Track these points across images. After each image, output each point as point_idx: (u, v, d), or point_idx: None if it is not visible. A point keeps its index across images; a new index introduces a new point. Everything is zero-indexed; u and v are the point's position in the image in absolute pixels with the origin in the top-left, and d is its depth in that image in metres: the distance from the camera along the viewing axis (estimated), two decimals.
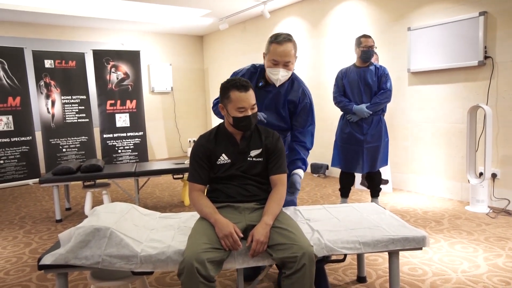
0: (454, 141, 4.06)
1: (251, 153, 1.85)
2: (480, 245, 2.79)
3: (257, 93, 2.11)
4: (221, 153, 1.83)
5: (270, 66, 2.01)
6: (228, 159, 1.83)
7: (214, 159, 1.84)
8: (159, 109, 7.99)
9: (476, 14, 3.68)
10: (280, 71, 1.99)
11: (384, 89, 3.44)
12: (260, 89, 2.13)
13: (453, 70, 3.98)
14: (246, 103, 1.74)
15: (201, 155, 1.83)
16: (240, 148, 1.84)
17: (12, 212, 4.19)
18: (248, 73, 2.18)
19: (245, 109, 1.75)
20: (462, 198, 4.01)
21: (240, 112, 1.75)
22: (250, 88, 1.76)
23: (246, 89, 1.74)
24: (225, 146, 1.84)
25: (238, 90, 1.73)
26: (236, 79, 1.77)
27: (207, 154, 1.83)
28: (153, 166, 4.16)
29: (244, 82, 1.75)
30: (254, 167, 1.84)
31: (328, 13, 5.41)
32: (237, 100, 1.74)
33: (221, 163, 1.83)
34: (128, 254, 1.60)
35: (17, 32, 6.48)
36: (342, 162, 3.60)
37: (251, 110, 1.77)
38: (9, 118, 5.57)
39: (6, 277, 2.53)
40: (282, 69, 1.99)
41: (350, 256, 2.65)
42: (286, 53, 1.96)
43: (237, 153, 1.84)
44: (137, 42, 7.62)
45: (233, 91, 1.74)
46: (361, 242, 1.71)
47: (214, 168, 1.84)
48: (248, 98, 1.75)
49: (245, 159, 1.84)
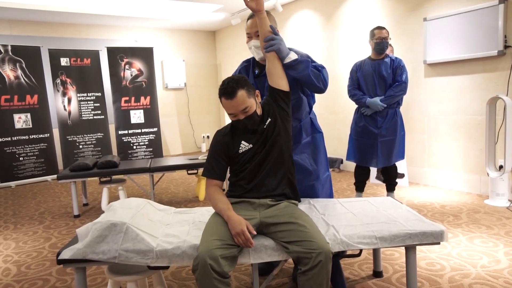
0: (472, 133, 3.96)
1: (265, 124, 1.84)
2: (501, 240, 2.73)
3: (257, 82, 2.11)
4: (241, 141, 1.82)
5: (247, 42, 2.04)
6: (250, 144, 1.82)
7: (234, 150, 1.83)
8: (173, 105, 8.04)
9: (496, 2, 3.56)
10: (252, 42, 2.00)
11: (399, 81, 3.36)
12: (257, 77, 2.11)
13: (472, 61, 3.88)
14: (234, 109, 1.73)
15: (219, 150, 1.83)
16: (259, 131, 1.82)
17: (32, 208, 4.29)
18: (243, 69, 2.18)
19: (234, 114, 1.75)
20: (481, 192, 3.92)
21: (232, 117, 1.77)
22: (237, 93, 1.69)
23: (232, 96, 1.70)
24: (242, 135, 1.84)
25: (225, 97, 1.72)
26: (226, 83, 1.72)
27: (225, 149, 1.83)
28: (167, 161, 4.20)
29: (230, 88, 1.69)
30: (271, 137, 1.81)
31: (342, 5, 5.33)
32: (226, 107, 1.74)
33: (243, 151, 1.82)
34: (144, 249, 1.61)
35: (34, 31, 6.60)
36: (357, 155, 3.56)
37: (243, 114, 1.74)
38: (27, 116, 5.69)
39: (28, 271, 2.60)
40: (254, 40, 2.00)
41: (366, 251, 2.63)
42: (253, 24, 1.99)
43: (257, 137, 1.82)
44: (150, 39, 7.67)
45: (222, 97, 1.73)
46: (378, 237, 1.69)
47: (235, 160, 1.84)
48: (235, 105, 1.71)
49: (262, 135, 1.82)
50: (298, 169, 2.07)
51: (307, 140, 2.16)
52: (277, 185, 1.84)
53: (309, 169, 2.12)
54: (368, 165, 3.55)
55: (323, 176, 2.19)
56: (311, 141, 2.17)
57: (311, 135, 2.18)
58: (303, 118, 2.14)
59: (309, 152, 2.15)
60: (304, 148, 2.14)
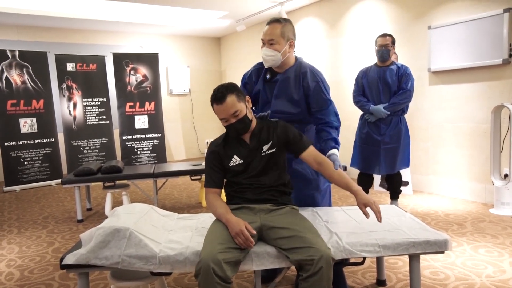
0: (477, 141, 3.94)
1: (263, 148, 1.85)
2: (506, 249, 2.70)
3: (266, 87, 2.12)
4: (233, 155, 1.85)
5: (261, 48, 2.05)
6: (240, 160, 1.84)
7: (227, 162, 1.85)
8: (177, 111, 8.07)
9: (501, 11, 3.57)
10: (263, 50, 2.02)
11: (404, 89, 3.35)
12: (267, 82, 2.12)
13: (476, 69, 3.87)
14: (224, 114, 1.77)
15: (214, 160, 1.87)
16: (251, 146, 1.85)
17: (36, 212, 4.30)
18: (255, 72, 2.20)
19: (226, 119, 1.78)
20: (486, 201, 3.89)
21: (224, 122, 1.80)
22: (226, 98, 1.74)
23: (221, 101, 1.74)
24: (235, 148, 1.86)
25: (215, 103, 1.77)
26: (216, 90, 1.78)
27: (218, 159, 1.87)
28: (171, 167, 4.20)
29: (220, 93, 1.75)
30: (270, 162, 1.84)
31: (346, 13, 5.36)
32: (216, 112, 1.79)
33: (234, 165, 1.84)
34: (147, 254, 1.61)
35: (41, 36, 6.67)
36: (360, 162, 3.56)
37: (234, 118, 1.77)
38: (33, 121, 5.73)
39: (31, 276, 2.60)
40: (266, 48, 2.01)
41: (369, 259, 2.61)
42: (269, 32, 2.00)
43: (249, 152, 1.84)
44: (155, 45, 7.72)
45: (214, 104, 1.78)
46: (381, 245, 1.68)
47: (228, 172, 1.86)
48: (225, 109, 1.75)
49: (258, 156, 1.84)
50: (298, 178, 2.07)
51: None
52: (273, 194, 1.85)
53: (309, 178, 2.12)
54: (370, 172, 3.54)
55: (323, 186, 2.20)
56: None
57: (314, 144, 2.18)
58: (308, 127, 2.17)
59: None
60: None
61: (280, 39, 2.00)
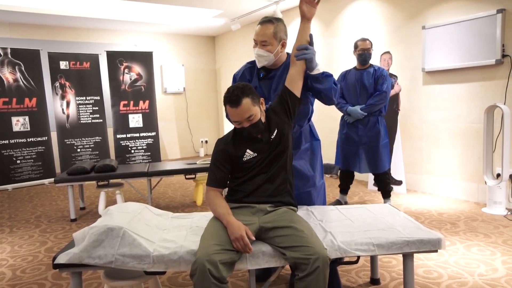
0: (470, 141, 3.98)
1: (271, 137, 1.85)
2: (498, 248, 2.72)
3: (262, 84, 2.11)
4: (245, 150, 1.82)
5: (253, 47, 2.06)
6: (254, 153, 1.82)
7: (238, 158, 1.82)
8: (172, 110, 8.04)
9: (494, 11, 3.60)
10: (256, 50, 2.02)
11: (380, 90, 3.49)
12: (262, 80, 2.12)
13: (470, 69, 3.90)
14: (239, 117, 1.74)
15: (221, 159, 1.84)
16: (264, 140, 1.83)
17: (28, 211, 4.26)
18: (247, 70, 2.19)
19: (239, 122, 1.76)
20: (478, 200, 3.92)
21: (237, 124, 1.78)
22: (242, 101, 1.70)
23: (236, 104, 1.70)
24: (247, 142, 1.83)
25: (230, 105, 1.73)
26: (231, 91, 1.73)
27: (227, 157, 1.83)
28: (165, 166, 4.19)
29: (235, 96, 1.70)
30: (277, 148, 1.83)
31: (341, 13, 5.37)
32: (231, 114, 1.76)
33: (248, 159, 1.82)
34: (141, 253, 1.60)
35: (33, 34, 6.60)
36: (341, 161, 3.76)
37: (248, 122, 1.75)
38: (25, 119, 5.68)
39: (23, 275, 2.58)
40: (258, 49, 2.01)
41: (363, 258, 2.62)
42: (261, 33, 2.00)
43: (262, 146, 1.83)
44: (150, 43, 7.68)
45: (227, 105, 1.74)
46: (375, 244, 1.69)
47: (237, 167, 1.84)
48: (240, 113, 1.72)
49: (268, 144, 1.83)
50: (296, 175, 2.07)
51: (306, 146, 2.17)
52: (276, 193, 1.84)
53: (307, 175, 2.12)
54: (350, 169, 3.73)
55: (319, 184, 2.21)
56: (309, 148, 2.18)
57: (309, 142, 2.19)
58: (304, 124, 2.16)
59: (307, 159, 2.16)
60: (303, 154, 2.15)
61: (272, 40, 2.00)
